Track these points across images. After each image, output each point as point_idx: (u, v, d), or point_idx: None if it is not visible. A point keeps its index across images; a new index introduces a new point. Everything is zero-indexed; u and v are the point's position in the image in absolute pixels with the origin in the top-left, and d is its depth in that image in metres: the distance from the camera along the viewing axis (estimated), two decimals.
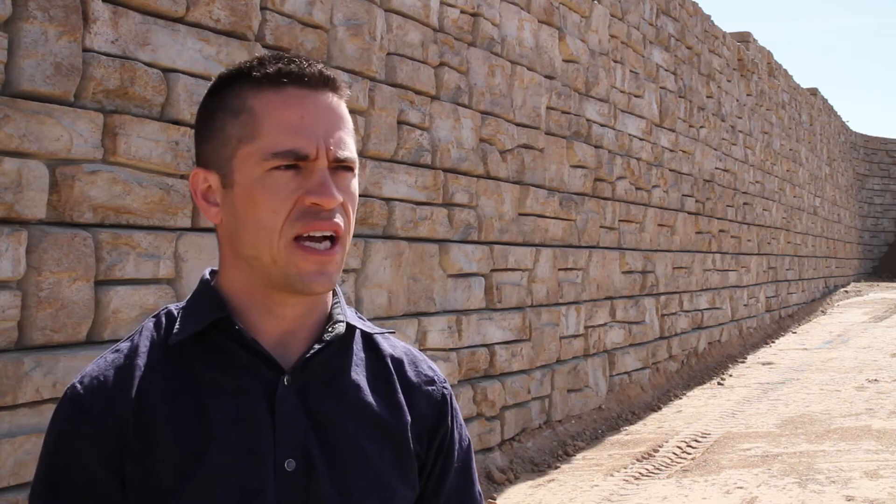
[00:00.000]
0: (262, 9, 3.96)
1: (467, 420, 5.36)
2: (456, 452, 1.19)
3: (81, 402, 1.04)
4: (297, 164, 1.04)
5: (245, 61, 1.10)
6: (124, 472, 1.02)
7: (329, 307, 1.14)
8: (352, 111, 1.15)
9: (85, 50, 3.13)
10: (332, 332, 1.11)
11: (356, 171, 1.10)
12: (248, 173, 1.05)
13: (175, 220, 3.45)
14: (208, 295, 1.10)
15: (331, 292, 1.14)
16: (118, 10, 3.26)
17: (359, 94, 4.56)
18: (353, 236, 5.03)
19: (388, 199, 4.83)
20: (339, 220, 1.05)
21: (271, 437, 1.04)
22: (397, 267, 4.83)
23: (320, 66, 1.08)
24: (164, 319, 1.11)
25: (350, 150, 1.08)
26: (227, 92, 1.08)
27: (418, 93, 5.10)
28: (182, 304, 1.13)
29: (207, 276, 1.15)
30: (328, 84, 1.08)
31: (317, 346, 1.09)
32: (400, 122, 4.93)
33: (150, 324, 1.12)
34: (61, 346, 3.01)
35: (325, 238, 1.05)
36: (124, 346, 1.10)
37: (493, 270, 5.81)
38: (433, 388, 1.19)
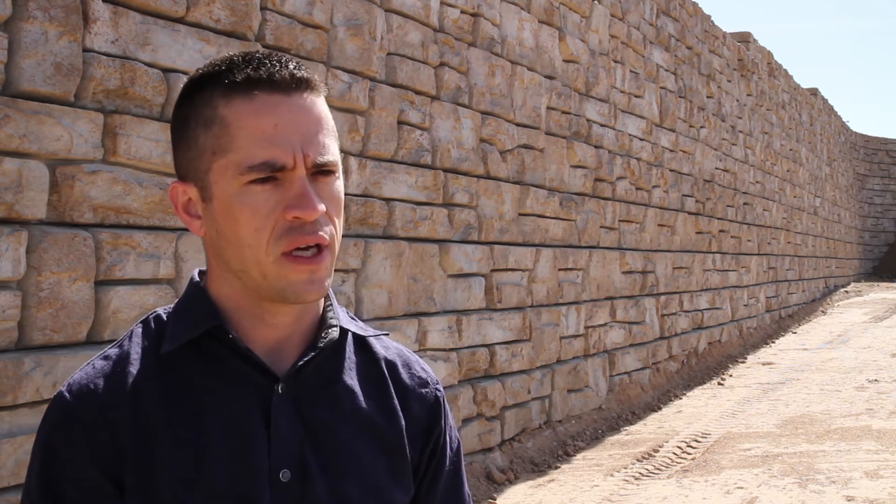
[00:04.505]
0: (262, 9, 3.96)
1: (468, 420, 5.37)
2: (448, 454, 1.20)
3: (71, 410, 1.01)
4: (275, 176, 0.99)
5: (216, 61, 1.05)
6: (122, 479, 1.00)
7: (321, 310, 1.12)
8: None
9: (85, 50, 3.13)
10: (325, 339, 1.09)
11: (339, 172, 1.05)
12: (225, 187, 1.01)
13: (175, 220, 3.45)
14: (200, 301, 1.08)
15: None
16: (118, 10, 3.26)
17: (359, 94, 4.56)
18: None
19: (388, 200, 4.83)
20: (323, 231, 1.02)
21: (266, 447, 1.03)
22: (397, 267, 4.83)
23: (293, 66, 1.03)
24: (153, 325, 1.09)
25: (330, 153, 1.03)
26: (198, 97, 1.04)
27: (418, 93, 5.10)
28: (170, 307, 1.11)
29: (197, 279, 1.12)
30: (301, 85, 1.02)
31: (311, 354, 1.07)
32: (400, 122, 4.93)
33: (139, 329, 1.09)
34: (61, 346, 3.01)
35: (311, 246, 1.02)
36: (113, 352, 1.07)
37: (493, 270, 5.81)
38: (426, 390, 1.19)
